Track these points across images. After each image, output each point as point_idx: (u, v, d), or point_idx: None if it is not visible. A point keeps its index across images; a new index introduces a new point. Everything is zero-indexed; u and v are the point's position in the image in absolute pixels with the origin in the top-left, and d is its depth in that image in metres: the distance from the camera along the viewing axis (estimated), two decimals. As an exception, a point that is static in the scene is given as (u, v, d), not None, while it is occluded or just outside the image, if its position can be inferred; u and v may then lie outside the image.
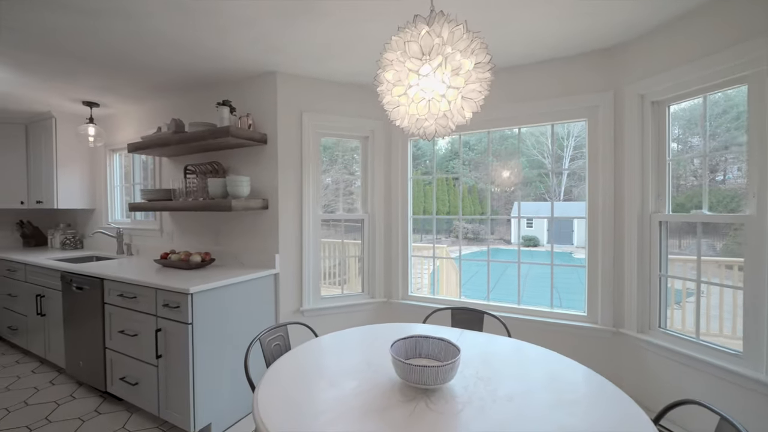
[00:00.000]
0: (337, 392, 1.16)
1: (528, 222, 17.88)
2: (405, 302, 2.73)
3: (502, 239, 19.70)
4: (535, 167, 20.47)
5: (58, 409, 2.34)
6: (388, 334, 1.66)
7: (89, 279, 2.42)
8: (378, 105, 2.75)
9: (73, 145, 3.62)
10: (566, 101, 2.21)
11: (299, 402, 1.11)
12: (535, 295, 4.86)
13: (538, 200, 19.63)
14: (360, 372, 1.30)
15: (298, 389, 1.19)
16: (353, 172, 3.19)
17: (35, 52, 2.18)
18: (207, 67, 2.40)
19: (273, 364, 1.34)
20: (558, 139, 19.41)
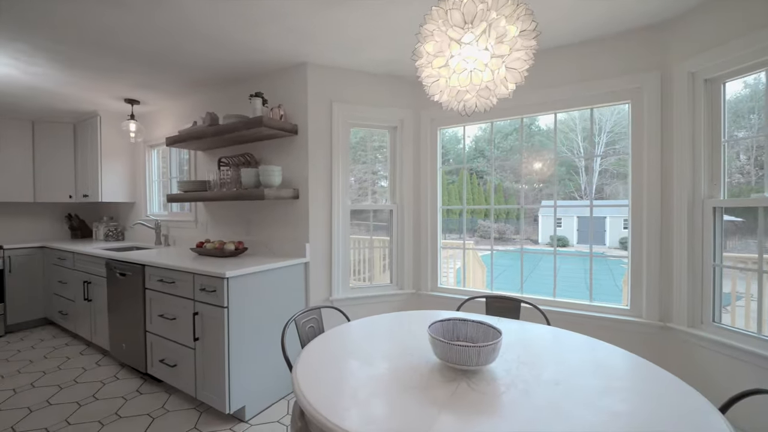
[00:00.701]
0: (374, 371, 1.15)
1: (557, 222, 17.30)
2: (434, 294, 2.69)
3: (529, 239, 19.12)
4: (563, 164, 19.76)
5: (104, 388, 2.46)
6: (421, 320, 1.63)
7: (131, 266, 2.54)
8: (407, 94, 2.75)
9: (116, 142, 3.82)
10: (607, 83, 2.10)
11: (337, 379, 1.10)
12: (566, 293, 4.68)
13: (567, 199, 18.95)
14: (396, 354, 1.28)
15: (335, 367, 1.18)
16: (376, 171, 3.18)
17: (84, 49, 2.31)
18: (239, 60, 2.46)
19: (309, 344, 1.35)
20: (589, 135, 18.64)
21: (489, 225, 20.07)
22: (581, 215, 17.33)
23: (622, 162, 18.90)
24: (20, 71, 2.68)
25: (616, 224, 16.83)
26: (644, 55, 2.02)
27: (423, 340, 1.38)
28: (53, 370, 2.75)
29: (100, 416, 2.14)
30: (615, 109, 17.83)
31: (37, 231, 4.19)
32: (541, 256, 15.32)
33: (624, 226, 16.55)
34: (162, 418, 2.12)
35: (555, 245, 2.56)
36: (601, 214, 15.58)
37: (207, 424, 2.05)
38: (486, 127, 2.68)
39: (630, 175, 2.13)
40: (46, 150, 3.94)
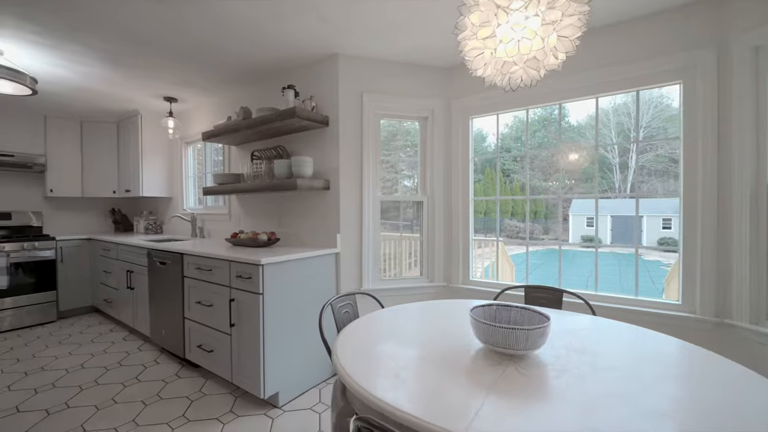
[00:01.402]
0: (414, 353, 1.12)
1: (588, 220, 16.57)
2: (466, 287, 2.63)
3: (559, 239, 18.39)
4: (596, 161, 18.89)
5: (145, 371, 2.57)
6: (459, 307, 1.59)
7: (171, 255, 2.64)
8: (438, 84, 2.71)
9: (155, 140, 4.01)
10: (656, 63, 1.97)
11: (379, 359, 1.08)
12: (603, 291, 4.48)
13: (600, 198, 18.10)
14: (436, 338, 1.24)
15: (375, 348, 1.16)
16: (399, 171, 3.14)
17: (128, 47, 2.42)
18: (272, 54, 2.50)
19: (347, 326, 1.34)
20: (624, 131, 17.79)
21: (516, 224, 19.53)
22: (615, 214, 16.53)
23: (661, 159, 18.10)
24: (72, 71, 2.85)
25: (654, 224, 15.93)
26: (699, 31, 1.88)
27: (463, 325, 1.34)
28: (100, 353, 2.91)
29: (142, 397, 2.23)
30: (652, 102, 16.86)
31: (85, 224, 4.47)
32: (572, 256, 14.75)
33: (664, 225, 15.62)
34: (199, 401, 2.19)
35: (597, 232, 2.43)
36: (639, 212, 14.82)
37: (242, 408, 2.10)
38: (512, 123, 2.64)
39: (681, 162, 1.98)
40: (93, 148, 4.19)
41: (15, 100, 3.50)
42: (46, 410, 2.09)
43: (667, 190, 15.24)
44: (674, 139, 2.05)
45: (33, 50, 2.45)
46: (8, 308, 3.40)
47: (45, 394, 2.26)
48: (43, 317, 3.61)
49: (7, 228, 3.77)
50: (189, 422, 1.97)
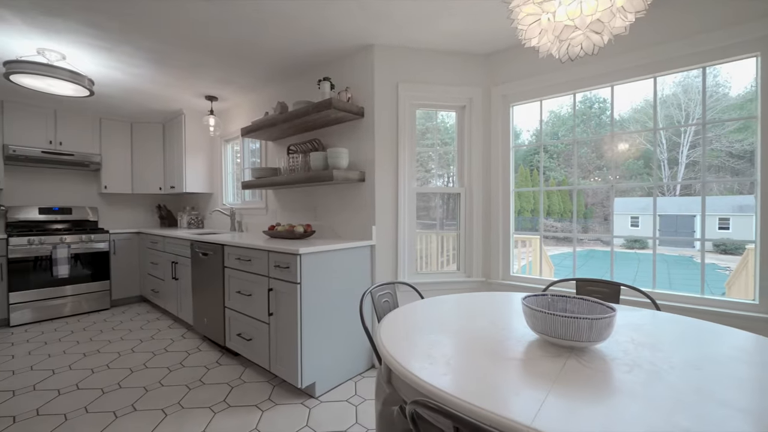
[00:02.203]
0: (463, 342, 1.05)
1: (632, 220, 15.52)
2: (507, 283, 2.51)
3: (599, 240, 17.43)
4: (640, 157, 17.75)
5: (188, 358, 2.68)
6: (504, 299, 1.50)
7: (212, 246, 2.73)
8: (477, 71, 2.61)
9: (197, 138, 4.19)
10: (725, 35, 1.77)
11: (426, 346, 1.03)
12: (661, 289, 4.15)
13: (646, 196, 16.96)
14: (483, 327, 1.17)
15: (421, 336, 1.11)
16: (429, 169, 3.06)
17: (175, 45, 2.53)
18: (308, 48, 2.51)
19: (389, 314, 1.30)
20: (674, 123, 16.46)
21: (552, 224, 18.68)
22: (662, 213, 15.37)
23: (716, 153, 16.54)
24: (124, 73, 3.03)
25: (710, 223, 14.65)
26: (780, -4, 1.66)
27: (511, 316, 1.26)
28: (148, 339, 3.06)
29: (186, 381, 2.31)
30: (708, 91, 15.48)
31: (134, 219, 4.76)
32: (615, 259, 13.84)
33: (720, 225, 14.30)
34: (239, 387, 2.23)
35: (655, 229, 2.24)
36: (692, 211, 13.65)
37: (280, 397, 2.12)
38: (548, 119, 2.47)
39: (758, 148, 1.77)
40: (141, 148, 4.45)
41: (75, 103, 3.79)
42: (102, 389, 2.22)
43: (723, 187, 13.89)
44: (737, 131, 1.83)
45: (91, 53, 2.63)
46: (69, 295, 3.68)
47: (100, 375, 2.41)
48: (98, 305, 3.87)
49: (68, 222, 4.09)
50: (230, 407, 2.01)
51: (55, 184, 4.15)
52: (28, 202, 3.96)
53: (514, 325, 1.18)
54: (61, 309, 3.63)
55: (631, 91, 3.06)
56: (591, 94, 2.47)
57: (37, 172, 4.03)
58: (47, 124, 3.83)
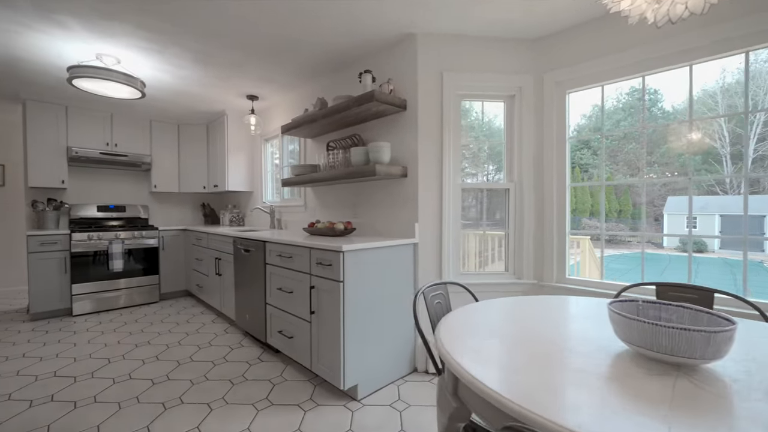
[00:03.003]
0: (541, 353, 0.92)
1: (692, 221, 14.17)
2: (562, 286, 2.30)
3: (650, 242, 16.15)
4: (699, 152, 16.22)
5: (231, 353, 2.71)
6: (572, 304, 1.34)
7: (254, 242, 2.75)
8: (527, 57, 2.43)
9: (238, 138, 4.29)
10: None
11: (497, 356, 0.91)
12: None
13: (705, 194, 15.49)
14: (562, 337, 1.03)
15: (490, 344, 0.99)
16: (462, 168, 2.88)
17: (219, 44, 2.56)
18: (349, 40, 2.45)
19: (446, 317, 1.19)
20: (738, 114, 14.81)
21: (596, 224, 17.60)
22: (725, 213, 13.93)
23: (793, 146, 14.45)
24: (172, 75, 3.14)
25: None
26: None
27: (587, 324, 1.10)
28: (193, 333, 3.15)
29: (230, 376, 2.33)
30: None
31: (180, 216, 4.98)
32: (667, 262, 12.81)
33: (796, 226, 12.71)
34: (281, 385, 2.21)
35: (745, 229, 1.96)
36: (761, 211, 12.26)
37: (321, 397, 2.07)
38: (590, 113, 2.25)
39: None
40: (187, 148, 4.64)
41: (128, 106, 4.00)
42: (152, 380, 2.28)
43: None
44: None
45: (143, 56, 2.73)
46: (123, 288, 3.89)
47: (150, 366, 2.49)
48: (149, 298, 4.07)
49: (122, 219, 4.34)
50: (272, 405, 1.99)
51: (110, 183, 4.41)
52: (87, 201, 4.24)
53: (591, 334, 1.03)
54: (116, 301, 3.85)
55: (684, 80, 2.67)
56: (641, 85, 2.24)
57: (95, 172, 4.31)
58: (104, 127, 4.07)
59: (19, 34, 2.40)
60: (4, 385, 2.21)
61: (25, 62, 2.83)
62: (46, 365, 2.49)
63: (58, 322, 3.42)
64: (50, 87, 3.40)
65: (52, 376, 2.34)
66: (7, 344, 2.88)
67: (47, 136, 3.74)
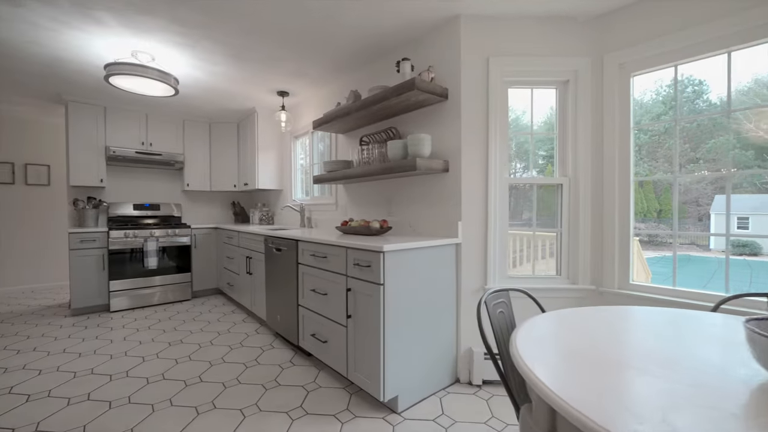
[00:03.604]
0: (661, 380, 0.73)
1: (741, 222, 13.05)
2: (625, 293, 2.05)
3: (694, 244, 15.05)
4: (747, 146, 14.96)
5: (263, 355, 2.63)
6: (676, 321, 1.12)
7: (286, 241, 2.66)
8: (583, 38, 2.18)
9: (268, 135, 4.24)
10: None
11: (608, 385, 0.72)
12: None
13: (756, 192, 14.21)
14: (679, 363, 0.82)
15: (593, 373, 0.80)
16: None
17: (251, 38, 2.48)
18: (388, 24, 2.30)
19: (519, 331, 1.00)
20: (796, 106, 13.40)
21: (636, 225, 16.52)
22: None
23: None
24: (204, 72, 3.11)
25: None
26: None
27: (709, 347, 0.89)
28: (225, 332, 3.11)
29: (262, 380, 2.24)
30: None
31: (211, 215, 5.01)
32: (714, 267, 11.83)
33: None
34: (315, 392, 2.09)
35: None
36: (829, 210, 11.06)
37: (358, 408, 1.93)
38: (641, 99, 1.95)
39: None
40: (218, 147, 4.66)
41: (163, 105, 4.04)
42: (184, 381, 2.23)
43: None
44: None
45: (176, 51, 2.70)
46: (158, 285, 3.93)
47: (183, 366, 2.44)
48: (181, 295, 4.10)
49: (156, 217, 4.40)
50: (307, 415, 1.87)
51: (145, 182, 4.49)
52: (124, 199, 4.34)
53: (715, 360, 0.82)
54: (151, 298, 3.90)
55: (732, 70, 2.35)
56: (684, 76, 1.99)
57: (131, 171, 4.40)
58: (140, 126, 4.14)
59: (58, 33, 2.42)
60: (45, 382, 2.22)
61: (66, 62, 2.87)
62: (84, 362, 2.50)
63: (97, 318, 3.49)
64: (90, 88, 3.47)
65: (89, 373, 2.33)
66: (49, 339, 2.94)
67: (87, 136, 3.83)
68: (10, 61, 2.85)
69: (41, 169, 4.72)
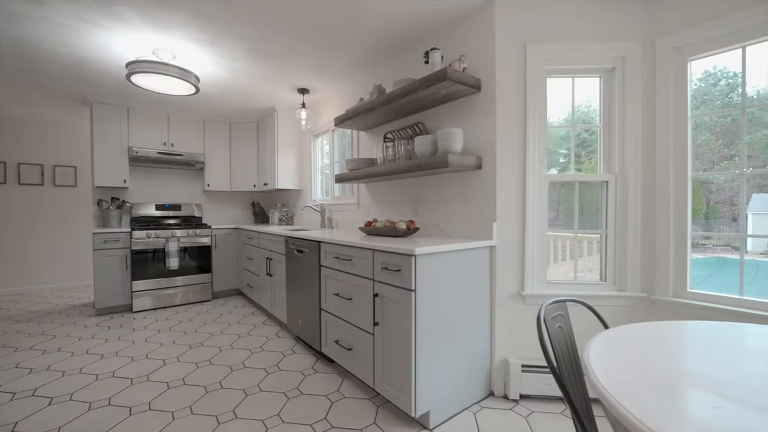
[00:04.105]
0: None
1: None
2: (683, 301, 1.84)
3: (729, 245, 14.22)
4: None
5: (284, 360, 2.54)
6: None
7: (308, 243, 2.56)
8: (632, 19, 1.97)
9: (288, 134, 4.18)
10: None
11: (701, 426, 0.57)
12: None
13: (801, 191, 13.28)
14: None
15: (687, 402, 0.65)
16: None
17: (272, 31, 2.39)
18: (413, 14, 2.16)
19: (590, 351, 0.85)
20: None
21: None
22: (832, 214, 11.82)
23: None
24: (225, 69, 3.05)
25: None
26: None
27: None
28: (245, 335, 3.04)
29: (284, 388, 2.14)
30: None
31: (231, 215, 5.00)
32: (755, 268, 11.11)
33: None
34: (340, 403, 1.98)
35: None
36: None
37: (387, 422, 1.80)
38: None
39: None
40: (238, 147, 4.63)
41: (184, 105, 4.04)
42: (205, 387, 2.15)
43: None
44: None
45: (197, 47, 2.64)
46: (179, 286, 3.92)
47: (204, 370, 2.37)
48: (202, 296, 4.08)
49: (178, 217, 4.41)
50: (333, 428, 1.75)
51: (167, 182, 4.51)
52: (146, 199, 4.36)
53: None
54: (173, 298, 3.89)
55: None
56: (717, 69, 1.78)
57: (153, 171, 4.42)
58: (162, 127, 4.15)
59: (82, 31, 2.39)
60: (68, 384, 2.19)
61: (90, 62, 2.87)
62: (106, 364, 2.47)
63: (120, 318, 3.49)
64: (113, 89, 3.48)
65: (110, 376, 2.30)
66: (74, 339, 2.94)
67: (111, 137, 3.85)
68: (37, 63, 2.87)
69: (68, 171, 4.82)
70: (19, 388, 2.15)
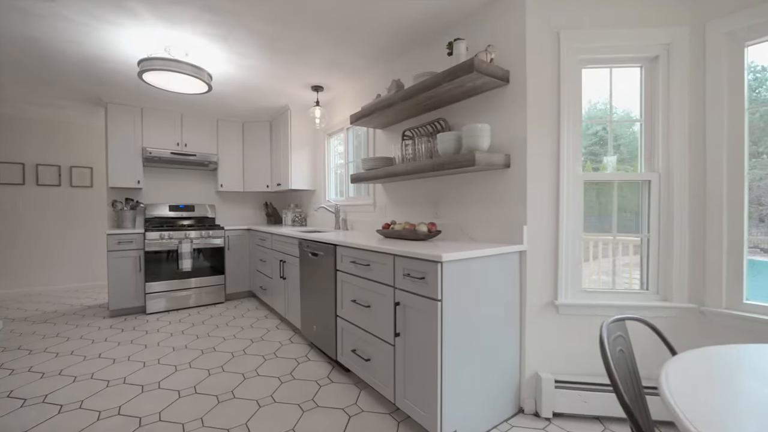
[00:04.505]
0: None
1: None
2: (736, 313, 1.66)
3: (757, 248, 13.53)
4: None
5: (298, 368, 2.43)
6: None
7: (323, 245, 2.44)
8: (678, 4, 1.80)
9: (301, 133, 4.08)
10: None
11: None
12: None
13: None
14: None
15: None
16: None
17: (285, 25, 2.29)
18: (432, 2, 2.03)
19: (667, 384, 0.70)
20: None
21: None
22: None
23: None
24: (237, 66, 2.97)
25: None
26: None
27: None
28: (258, 339, 2.96)
29: (299, 399, 2.03)
30: None
31: (244, 216, 4.94)
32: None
33: None
34: (358, 418, 1.86)
35: None
36: None
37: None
38: None
39: None
40: (251, 147, 4.56)
41: (197, 105, 3.99)
42: (217, 397, 2.06)
43: None
44: None
45: (209, 44, 2.56)
46: (193, 287, 3.87)
47: (216, 378, 2.29)
48: (216, 298, 4.02)
49: (191, 218, 4.37)
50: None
51: (180, 182, 4.47)
52: (160, 200, 4.33)
53: None
54: (186, 300, 3.84)
55: None
56: (747, 63, 1.58)
57: (166, 172, 4.39)
58: (175, 127, 4.11)
59: (93, 28, 2.34)
60: (79, 390, 2.13)
61: (102, 61, 2.82)
62: (118, 369, 2.41)
63: (133, 320, 3.45)
64: (127, 89, 3.45)
65: (122, 382, 2.23)
66: (87, 342, 2.91)
67: (125, 137, 3.83)
68: (51, 62, 2.84)
69: (85, 171, 4.84)
70: (30, 393, 2.10)
